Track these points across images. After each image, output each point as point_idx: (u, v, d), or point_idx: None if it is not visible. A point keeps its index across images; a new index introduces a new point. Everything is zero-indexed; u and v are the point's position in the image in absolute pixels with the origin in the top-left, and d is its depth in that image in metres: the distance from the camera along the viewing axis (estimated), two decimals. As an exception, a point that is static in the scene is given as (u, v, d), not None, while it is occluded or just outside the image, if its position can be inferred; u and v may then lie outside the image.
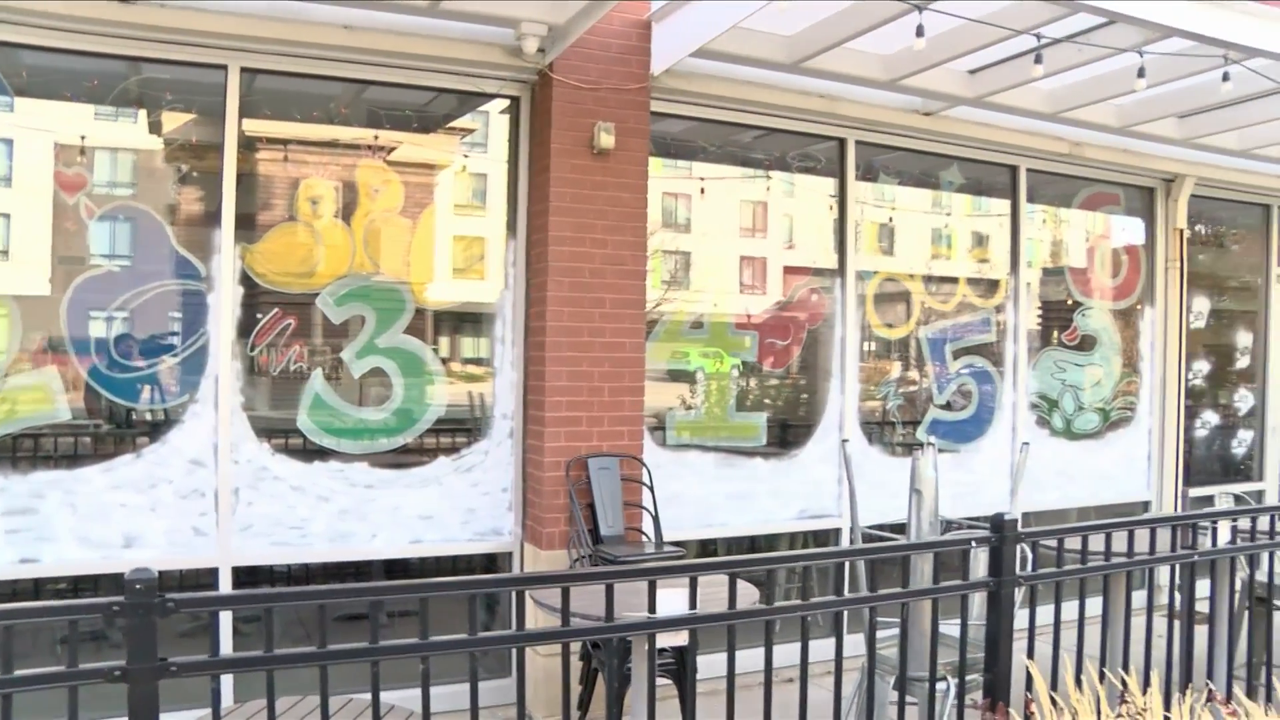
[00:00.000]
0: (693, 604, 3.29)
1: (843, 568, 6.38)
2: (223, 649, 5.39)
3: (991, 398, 8.14)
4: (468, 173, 6.38)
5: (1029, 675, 3.70)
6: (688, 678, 5.14)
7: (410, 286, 6.09)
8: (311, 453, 5.83)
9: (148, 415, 5.54)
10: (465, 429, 6.25)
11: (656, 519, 6.20)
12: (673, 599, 3.28)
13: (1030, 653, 3.86)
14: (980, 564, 4.05)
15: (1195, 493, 8.83)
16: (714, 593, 3.40)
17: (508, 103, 6.30)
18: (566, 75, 5.99)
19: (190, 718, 3.37)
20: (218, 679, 2.81)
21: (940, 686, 4.26)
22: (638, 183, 6.24)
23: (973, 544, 3.92)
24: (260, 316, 5.72)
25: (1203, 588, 4.62)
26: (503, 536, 6.25)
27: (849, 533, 6.07)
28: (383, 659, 2.96)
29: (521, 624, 3.25)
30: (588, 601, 3.58)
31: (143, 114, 5.53)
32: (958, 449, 7.95)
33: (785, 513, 7.13)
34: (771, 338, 7.19)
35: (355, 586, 4.50)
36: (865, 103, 7.12)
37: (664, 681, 5.06)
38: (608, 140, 6.03)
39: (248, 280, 5.67)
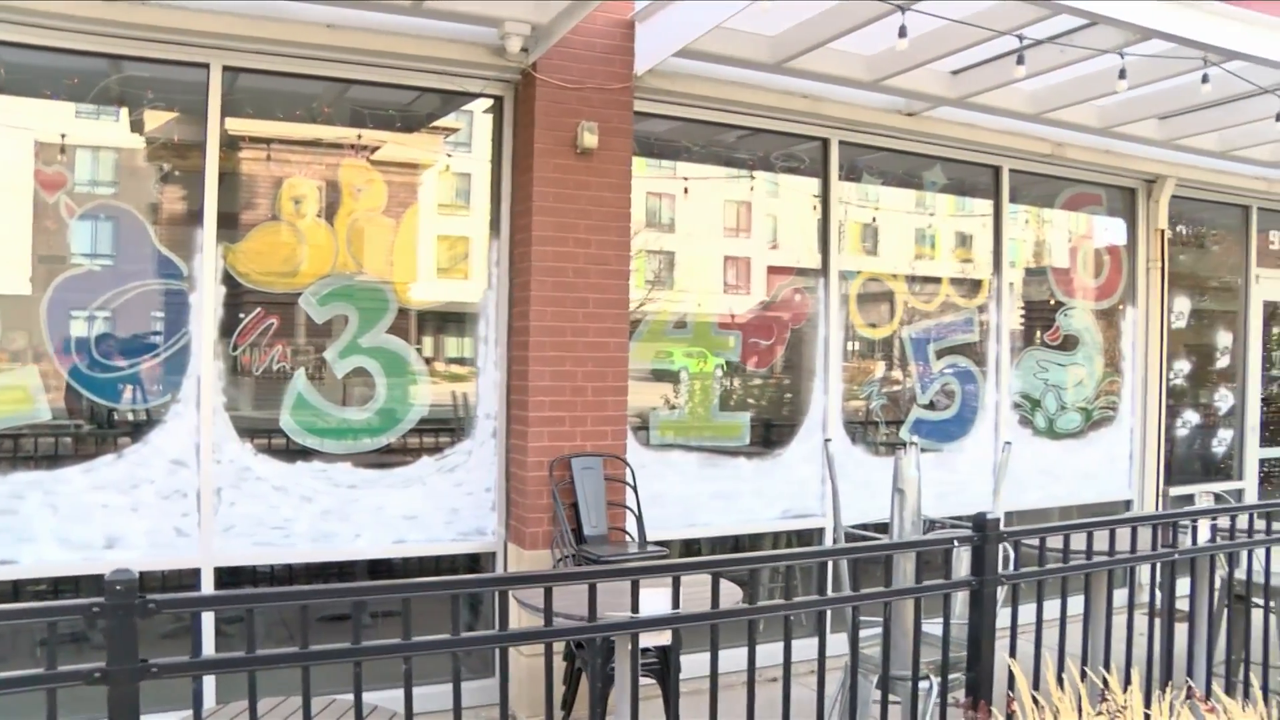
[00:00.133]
0: (676, 603, 3.29)
1: (826, 567, 6.39)
2: (205, 650, 5.37)
3: (974, 397, 8.17)
4: (451, 172, 6.37)
5: (1011, 674, 3.71)
6: (671, 677, 5.15)
7: (393, 286, 6.08)
8: (294, 453, 5.81)
9: (129, 415, 5.51)
10: (449, 429, 6.24)
11: (640, 519, 6.20)
12: (656, 599, 3.28)
13: (1013, 651, 3.88)
14: (963, 563, 4.06)
15: (1176, 491, 8.89)
16: (697, 592, 3.40)
17: (491, 102, 6.29)
18: (550, 75, 5.99)
19: (172, 719, 3.36)
20: (199, 680, 2.80)
21: (923, 685, 4.27)
22: (621, 182, 6.24)
23: (955, 543, 3.93)
24: (243, 316, 5.70)
25: (1183, 586, 4.64)
26: (486, 536, 6.25)
27: (832, 532, 6.07)
28: (365, 659, 2.95)
29: (504, 624, 3.24)
30: (571, 601, 3.58)
31: (124, 112, 5.50)
32: (941, 448, 7.97)
33: (769, 512, 7.14)
34: (755, 337, 7.20)
35: (337, 587, 4.48)
36: (848, 103, 7.14)
37: (648, 681, 5.06)
38: (591, 140, 6.03)
39: (230, 280, 5.64)
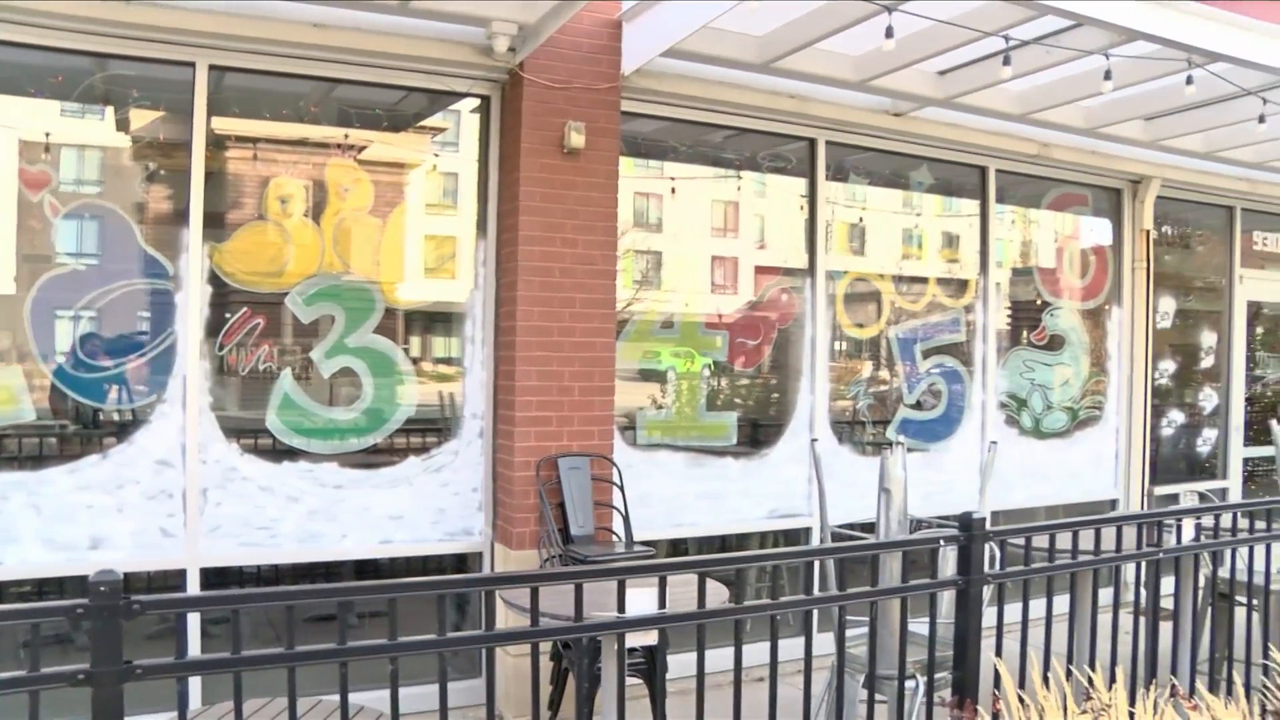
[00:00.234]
0: (662, 603, 3.29)
1: (812, 567, 6.40)
2: (191, 651, 5.35)
3: (961, 397, 8.19)
4: (438, 172, 6.36)
5: (997, 673, 3.72)
6: (657, 677, 5.16)
7: (380, 286, 6.07)
8: (281, 453, 5.79)
9: (114, 415, 5.49)
10: (435, 429, 6.23)
11: (627, 518, 6.20)
12: (642, 598, 3.28)
13: (999, 650, 3.89)
14: (949, 563, 4.07)
15: (1161, 491, 8.93)
16: (684, 592, 3.40)
17: (478, 102, 6.28)
18: (537, 74, 5.98)
19: (157, 720, 3.35)
20: (184, 681, 2.79)
21: (909, 685, 4.28)
22: (608, 182, 6.24)
23: (941, 543, 3.94)
24: (229, 316, 5.68)
25: (1168, 585, 4.66)
26: (473, 536, 6.24)
27: (819, 532, 6.08)
28: (351, 660, 2.94)
29: (491, 624, 3.24)
30: (558, 601, 3.58)
31: (109, 111, 5.48)
32: (927, 448, 7.99)
33: (756, 512, 7.15)
34: (742, 337, 7.20)
35: (323, 587, 4.48)
36: (835, 103, 7.15)
37: (635, 681, 5.06)
38: (578, 140, 6.03)
39: (216, 279, 5.63)
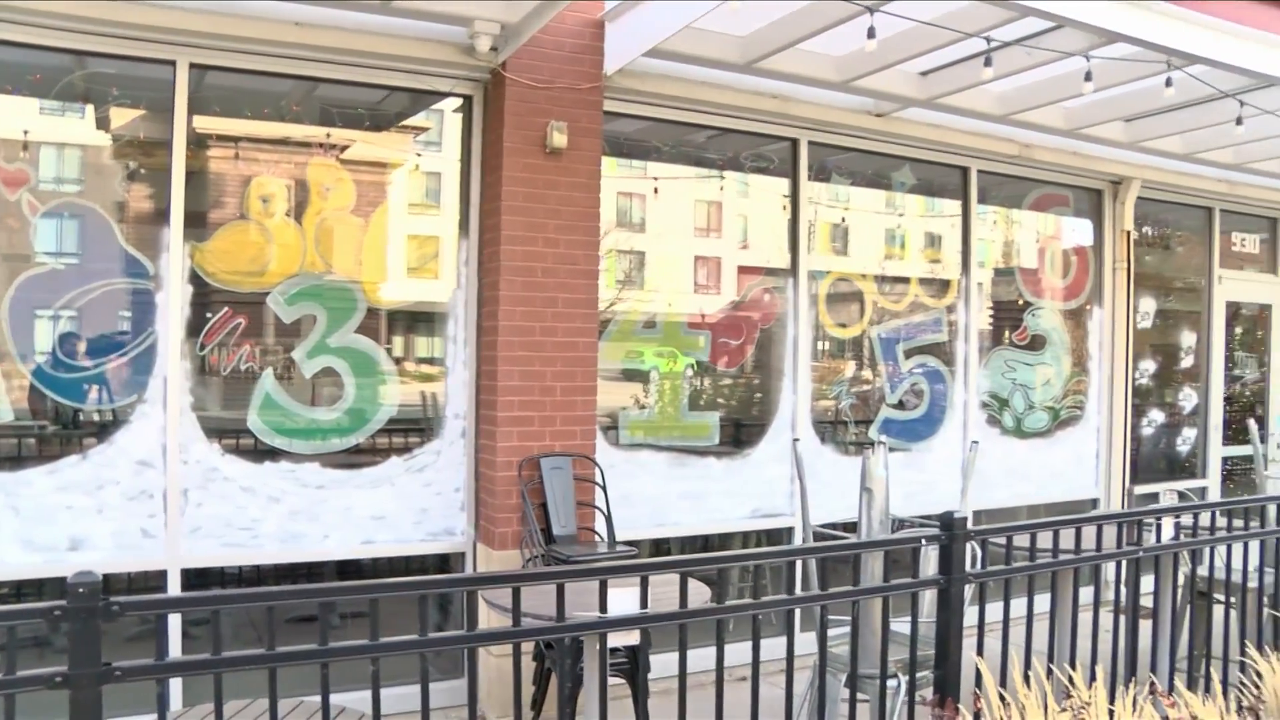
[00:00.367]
0: (644, 603, 3.29)
1: (794, 566, 6.41)
2: (172, 652, 5.33)
3: (943, 397, 8.22)
4: (421, 171, 6.35)
5: (978, 672, 3.74)
6: (640, 676, 5.17)
7: (362, 286, 6.05)
8: (262, 453, 5.77)
9: (94, 416, 5.45)
10: (418, 429, 6.22)
11: (609, 518, 6.20)
12: (625, 598, 3.28)
13: (980, 649, 3.90)
14: (931, 562, 4.08)
15: (1141, 490, 8.99)
16: (666, 592, 3.40)
17: (461, 101, 6.27)
18: (519, 74, 5.98)
19: (138, 722, 3.33)
20: (164, 683, 2.78)
21: (891, 684, 4.29)
22: (591, 182, 6.24)
23: (923, 542, 3.95)
24: (210, 316, 5.65)
25: (1147, 583, 4.68)
26: (455, 536, 6.23)
27: (801, 531, 6.10)
28: (332, 661, 2.93)
29: (473, 624, 3.24)
30: (540, 601, 3.57)
31: (89, 109, 5.45)
32: (910, 448, 8.02)
33: (738, 512, 7.16)
34: (725, 337, 7.21)
35: (304, 588, 4.46)
36: (818, 103, 7.16)
37: (617, 681, 5.06)
38: (560, 139, 6.02)
39: (197, 279, 5.60)
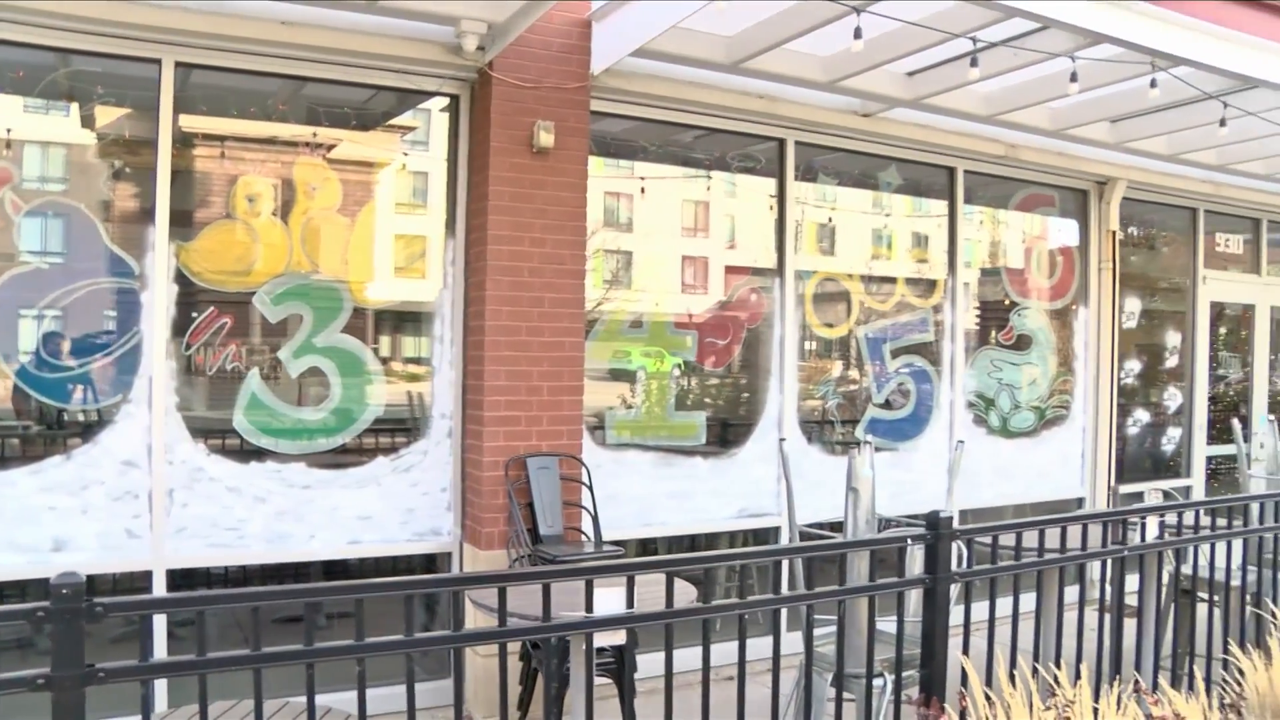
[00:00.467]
0: (630, 603, 3.29)
1: (780, 566, 6.42)
2: (157, 653, 5.31)
3: (929, 396, 8.24)
4: (408, 171, 6.34)
5: (964, 671, 3.75)
6: (626, 676, 5.17)
7: (349, 285, 6.04)
8: (248, 453, 5.75)
9: (79, 416, 5.43)
10: (404, 429, 6.20)
11: (596, 518, 6.20)
12: (611, 598, 3.28)
13: (966, 648, 3.92)
14: (917, 561, 4.09)
15: (1126, 489, 9.02)
16: (652, 592, 3.40)
17: (448, 101, 6.26)
18: (506, 73, 5.97)
19: (122, 724, 3.32)
20: (148, 685, 2.76)
21: (877, 683, 4.31)
22: (578, 182, 6.24)
23: (909, 541, 3.97)
24: (195, 315, 5.63)
25: (1132, 582, 4.71)
26: (442, 537, 6.22)
27: (787, 531, 6.11)
28: (318, 661, 2.92)
29: (459, 625, 3.23)
30: (526, 601, 3.57)
31: (74, 108, 5.42)
32: (896, 447, 8.03)
33: (725, 512, 7.16)
34: (711, 337, 7.22)
35: (289, 588, 4.45)
36: (804, 103, 7.17)
37: (604, 680, 5.06)
38: (547, 139, 6.02)
39: (183, 278, 5.58)
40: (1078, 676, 3.96)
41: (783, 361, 7.40)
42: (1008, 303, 8.80)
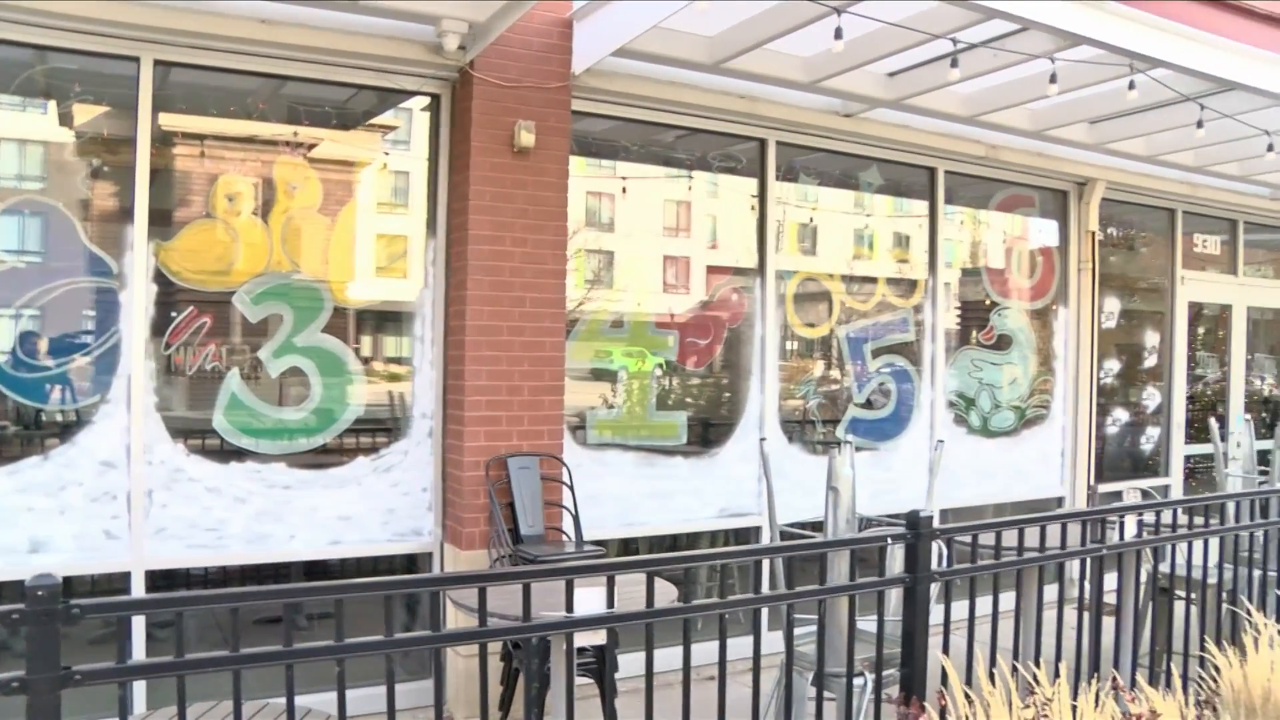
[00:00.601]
0: (611, 603, 3.29)
1: (761, 566, 6.43)
2: (137, 655, 5.28)
3: (910, 396, 8.26)
4: (389, 170, 6.32)
5: (944, 670, 3.77)
6: (607, 676, 5.17)
7: (329, 285, 6.02)
8: (228, 453, 5.73)
9: (57, 416, 5.40)
10: (385, 428, 6.19)
11: (577, 518, 6.20)
12: (591, 598, 3.28)
13: (946, 647, 3.93)
14: (897, 560, 4.10)
15: (1105, 488, 9.07)
16: (633, 591, 3.41)
17: (429, 100, 6.25)
18: (487, 73, 5.97)
19: (100, 726, 3.30)
20: (126, 686, 2.75)
21: (858, 682, 4.31)
22: (559, 181, 6.23)
23: (889, 541, 3.98)
24: (175, 315, 5.61)
25: (1111, 580, 4.74)
26: (423, 537, 6.21)
27: (768, 531, 6.11)
28: (297, 662, 2.91)
29: (439, 624, 3.23)
30: (508, 601, 3.57)
31: (51, 105, 5.38)
32: (877, 447, 8.06)
33: (706, 511, 7.17)
34: (693, 337, 7.22)
35: (268, 589, 4.43)
36: (786, 104, 7.19)
37: (585, 680, 5.06)
38: (528, 139, 6.01)
39: (162, 278, 5.55)
40: (1057, 675, 3.98)
41: (764, 361, 7.41)
42: (988, 303, 8.84)
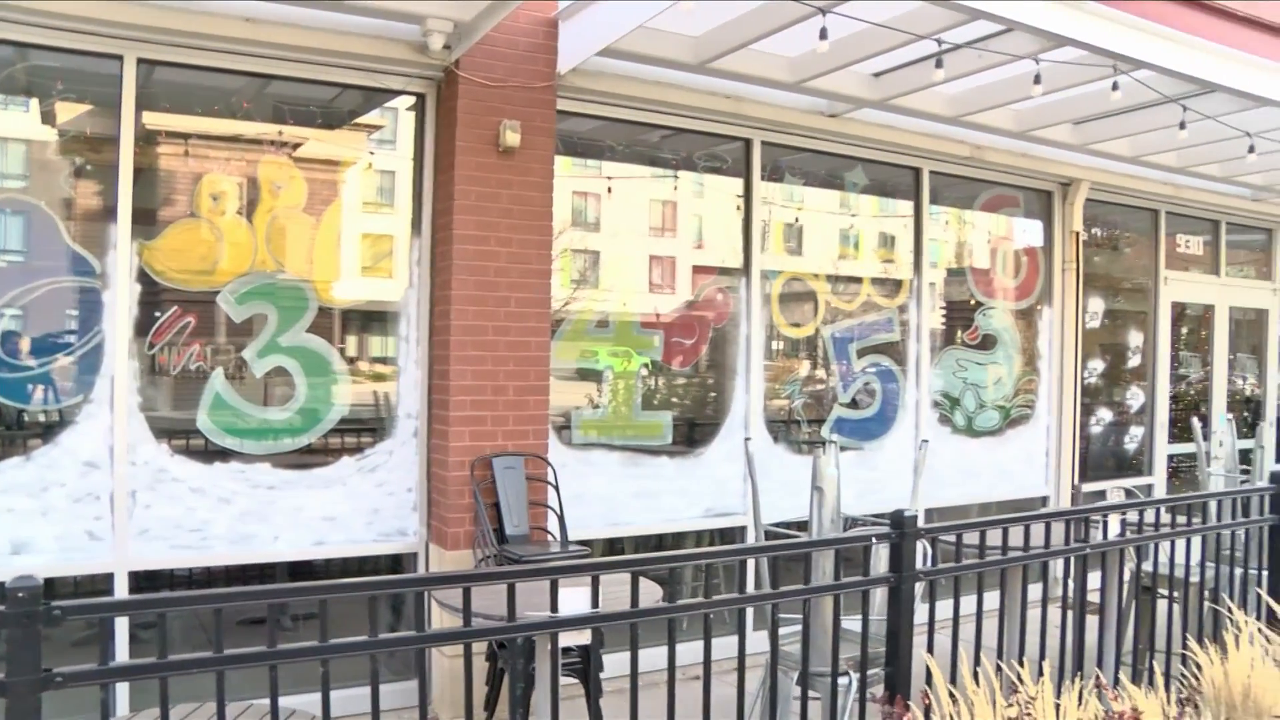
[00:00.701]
0: (595, 603, 3.29)
1: (746, 565, 6.43)
2: (120, 656, 5.26)
3: (895, 396, 8.28)
4: (374, 170, 6.31)
5: (929, 669, 3.78)
6: (592, 676, 5.17)
7: (314, 284, 6.00)
8: (212, 453, 5.71)
9: (39, 416, 5.37)
10: (369, 428, 6.17)
11: (562, 518, 6.19)
12: (576, 598, 3.29)
13: (930, 647, 3.94)
14: (882, 560, 4.11)
15: (1089, 487, 9.11)
16: (618, 591, 3.41)
17: (414, 100, 6.24)
18: (472, 73, 5.96)
19: (82, 727, 3.29)
20: (108, 688, 2.74)
21: (842, 681, 4.33)
22: (544, 181, 6.23)
23: (874, 540, 3.99)
24: (158, 315, 5.58)
25: (1095, 579, 4.76)
26: (407, 537, 6.19)
27: (753, 530, 6.12)
28: (281, 662, 2.91)
29: (424, 625, 3.22)
30: (493, 602, 3.57)
31: (33, 103, 5.35)
32: (862, 447, 8.07)
33: (691, 511, 7.18)
34: (678, 336, 7.22)
35: (252, 589, 4.41)
36: (771, 104, 7.20)
37: (570, 680, 5.06)
38: (514, 138, 6.01)
39: (145, 277, 5.53)
40: (1040, 673, 4.00)
41: (749, 361, 7.42)
42: (973, 303, 8.86)
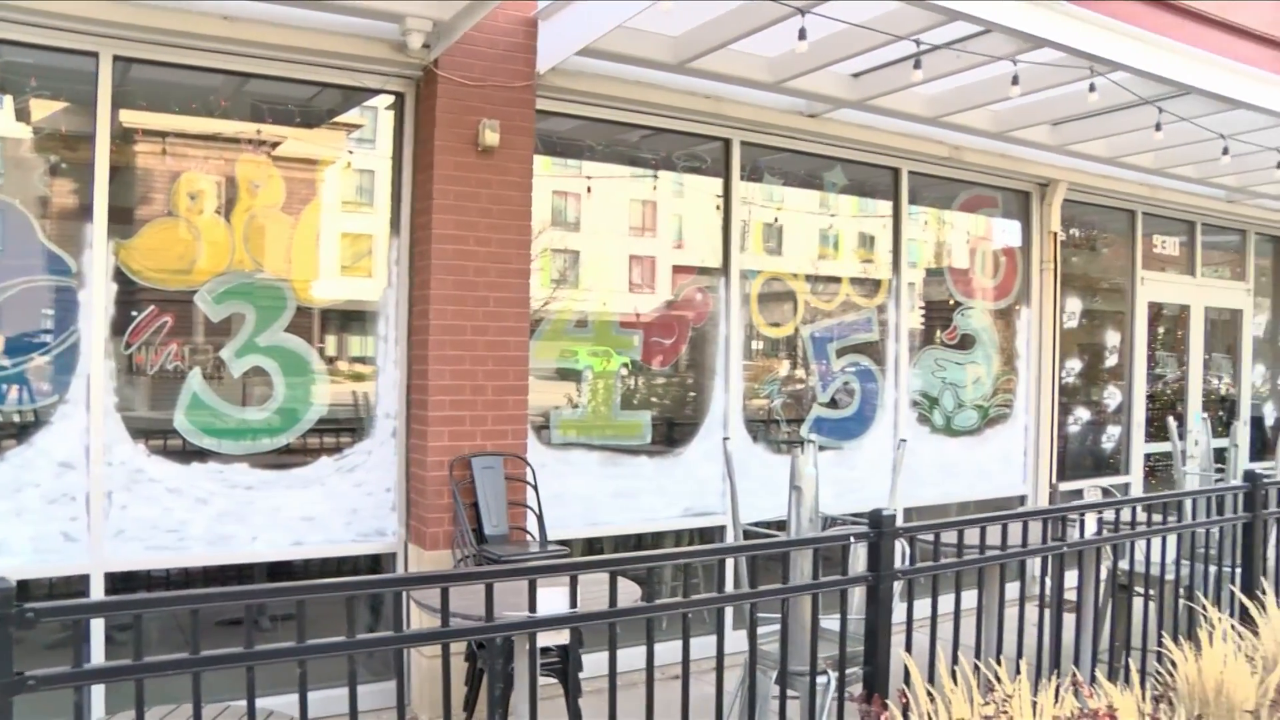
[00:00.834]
0: (574, 602, 3.29)
1: (725, 565, 6.44)
2: (97, 658, 5.22)
3: (874, 395, 8.31)
4: (352, 169, 6.29)
5: (906, 668, 3.79)
6: (571, 676, 5.16)
7: (292, 284, 5.97)
8: (190, 454, 5.68)
9: (14, 417, 5.32)
10: (348, 428, 6.15)
11: (541, 518, 6.18)
12: (555, 598, 3.28)
13: (908, 646, 3.95)
14: (860, 559, 4.12)
15: (1066, 486, 9.16)
16: (596, 591, 3.41)
17: (393, 99, 6.22)
18: (451, 72, 5.94)
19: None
20: (82, 691, 2.71)
21: (821, 680, 4.33)
22: (523, 181, 6.22)
23: (852, 539, 3.99)
24: (135, 314, 5.55)
25: (1072, 578, 4.78)
26: (386, 537, 6.18)
27: (732, 530, 6.13)
28: (258, 663, 2.89)
29: (402, 625, 3.21)
30: (472, 602, 3.55)
31: (7, 100, 5.30)
32: (841, 446, 8.09)
33: (670, 511, 7.18)
34: (657, 336, 7.23)
35: (229, 590, 4.39)
36: (750, 104, 7.21)
37: (549, 680, 5.06)
38: (493, 138, 6.00)
39: (122, 277, 5.49)
40: (1018, 672, 4.01)
41: (728, 361, 7.43)
42: (952, 302, 8.90)
